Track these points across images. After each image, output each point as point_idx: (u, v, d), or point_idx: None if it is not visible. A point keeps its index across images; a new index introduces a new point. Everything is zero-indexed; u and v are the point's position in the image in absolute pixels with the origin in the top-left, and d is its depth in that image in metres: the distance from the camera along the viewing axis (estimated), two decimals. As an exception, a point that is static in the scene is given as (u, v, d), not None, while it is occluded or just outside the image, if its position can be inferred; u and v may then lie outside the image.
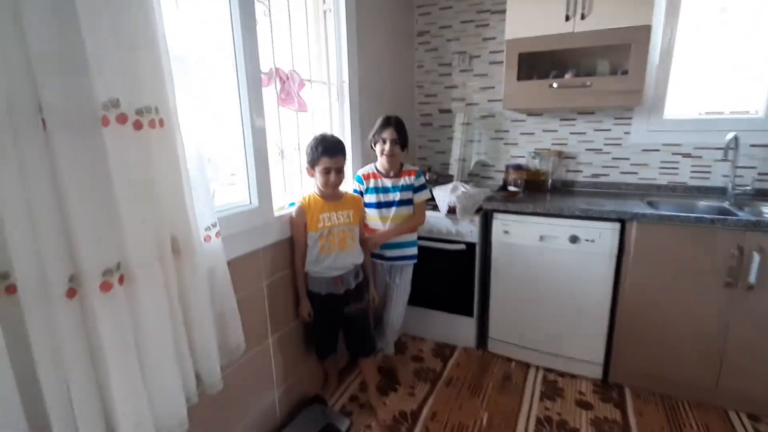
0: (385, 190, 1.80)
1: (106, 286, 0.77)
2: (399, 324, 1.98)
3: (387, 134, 1.72)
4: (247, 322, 1.37)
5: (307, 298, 1.62)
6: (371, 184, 1.81)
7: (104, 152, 0.75)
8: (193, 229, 0.98)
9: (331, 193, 1.57)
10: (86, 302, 0.77)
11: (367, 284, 1.76)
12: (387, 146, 1.72)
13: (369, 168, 1.84)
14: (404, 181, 1.80)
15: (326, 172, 1.50)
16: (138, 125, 0.83)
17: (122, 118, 0.76)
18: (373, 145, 1.79)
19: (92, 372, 0.79)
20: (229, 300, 1.15)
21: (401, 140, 1.73)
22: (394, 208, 1.78)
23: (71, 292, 0.75)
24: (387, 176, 1.80)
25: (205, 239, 1.08)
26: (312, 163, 1.52)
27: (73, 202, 0.72)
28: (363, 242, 1.71)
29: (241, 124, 1.34)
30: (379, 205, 1.80)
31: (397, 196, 1.78)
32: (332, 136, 1.54)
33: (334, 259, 1.56)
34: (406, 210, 1.81)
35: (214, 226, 1.09)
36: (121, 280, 0.80)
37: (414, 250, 1.89)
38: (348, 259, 1.60)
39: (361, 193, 1.82)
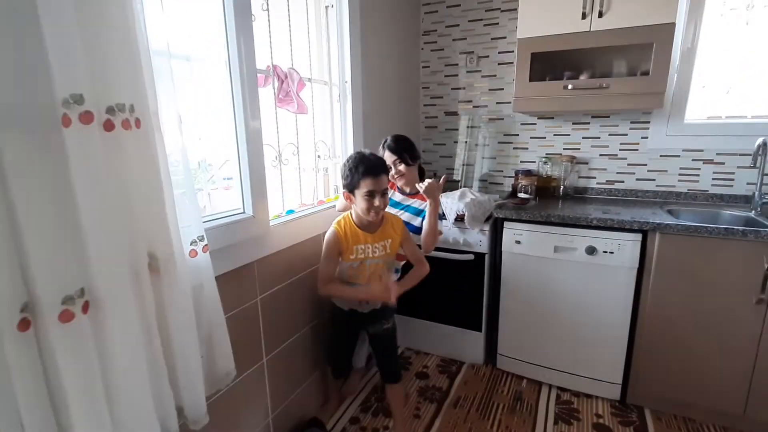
0: (393, 204, 1.72)
1: (66, 316, 0.65)
2: None
3: (386, 158, 1.62)
4: (239, 343, 1.25)
5: (362, 291, 1.41)
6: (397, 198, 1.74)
7: (65, 157, 0.63)
8: (175, 243, 0.86)
9: (373, 220, 1.37)
10: (42, 335, 0.65)
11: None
12: (392, 170, 1.66)
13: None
14: (416, 203, 1.70)
15: (370, 195, 1.31)
16: (109, 126, 0.71)
17: (87, 117, 0.65)
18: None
19: (51, 417, 0.67)
20: (217, 322, 1.03)
21: (402, 158, 1.65)
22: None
23: (24, 324, 0.63)
24: (401, 192, 1.74)
25: (190, 254, 0.96)
26: (351, 187, 1.34)
27: (25, 216, 0.60)
28: (418, 261, 1.50)
29: (234, 126, 1.22)
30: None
31: (403, 215, 1.67)
32: (372, 154, 1.37)
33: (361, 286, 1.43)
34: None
35: (201, 239, 0.97)
36: (85, 308, 0.68)
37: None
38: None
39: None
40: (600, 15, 1.73)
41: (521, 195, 2.14)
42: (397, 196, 1.74)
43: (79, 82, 0.63)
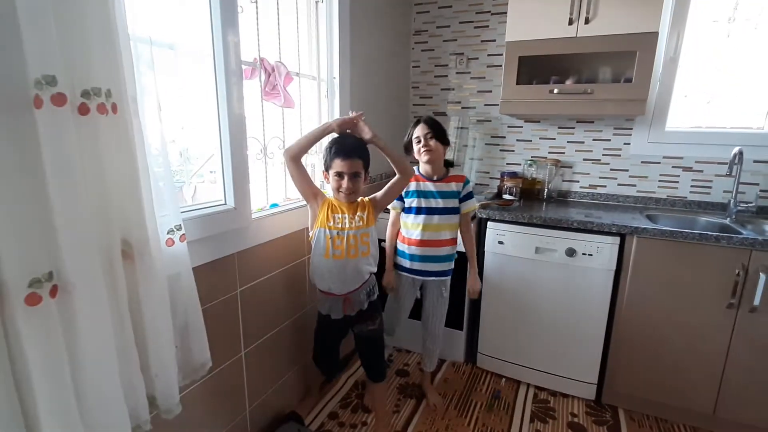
0: (428, 194, 1.61)
1: (33, 299, 0.65)
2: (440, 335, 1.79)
3: (419, 131, 1.56)
4: (217, 334, 1.25)
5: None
6: (412, 188, 1.62)
7: (36, 139, 0.63)
8: (151, 231, 0.85)
9: (342, 201, 1.39)
10: (8, 318, 0.64)
11: (383, 301, 1.57)
12: (422, 142, 1.56)
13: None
14: (450, 187, 1.62)
15: (338, 176, 1.33)
16: (84, 109, 0.70)
17: (59, 99, 0.64)
18: (408, 149, 1.64)
19: (16, 404, 0.66)
20: (194, 312, 1.03)
21: (435, 133, 1.56)
22: (437, 216, 1.61)
23: (-11, 306, 0.62)
24: (431, 180, 1.63)
25: (167, 243, 0.95)
26: (326, 166, 1.37)
27: (-9, 197, 0.60)
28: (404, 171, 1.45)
29: (218, 116, 1.21)
30: (419, 211, 1.61)
31: (440, 203, 1.60)
32: (351, 136, 1.39)
33: (341, 269, 1.37)
34: (450, 219, 1.63)
35: (178, 228, 0.97)
36: (53, 292, 0.67)
37: (451, 265, 1.70)
38: (358, 270, 1.39)
39: (400, 197, 1.64)
40: (586, 21, 1.76)
41: (506, 196, 2.17)
42: (429, 185, 1.62)
43: (53, 64, 0.63)
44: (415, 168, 1.65)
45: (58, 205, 0.66)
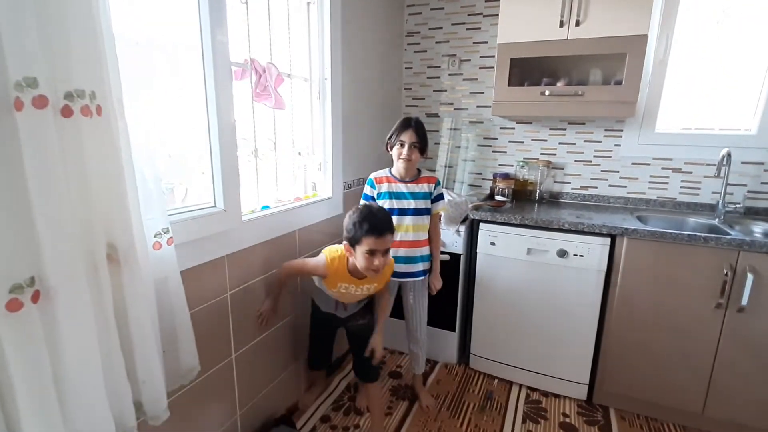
0: (400, 196, 1.63)
1: (14, 305, 0.63)
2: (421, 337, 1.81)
3: (406, 137, 1.56)
4: (207, 338, 1.24)
5: (273, 299, 1.49)
6: (384, 189, 1.63)
7: (16, 142, 0.61)
8: (137, 234, 0.84)
9: (370, 276, 1.35)
10: (-12, 325, 0.63)
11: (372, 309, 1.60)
12: (405, 150, 1.55)
13: (383, 172, 1.67)
14: (422, 188, 1.64)
15: (371, 254, 1.27)
16: (67, 111, 0.69)
17: (41, 102, 0.63)
18: (389, 148, 1.63)
19: (-4, 410, 0.65)
20: (181, 316, 1.01)
21: (421, 144, 1.57)
22: (409, 217, 1.62)
23: (-32, 312, 0.61)
24: (402, 181, 1.63)
25: (154, 246, 0.94)
26: (353, 242, 1.30)
27: (-30, 201, 0.58)
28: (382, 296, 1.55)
29: (207, 117, 1.20)
30: (390, 212, 1.60)
31: (412, 203, 1.62)
32: (380, 210, 1.35)
33: (341, 298, 1.47)
34: (422, 220, 1.64)
35: (165, 231, 0.96)
36: (35, 297, 0.66)
37: (426, 265, 1.72)
38: (356, 305, 1.53)
39: (372, 198, 1.66)
40: (577, 24, 1.77)
41: (498, 197, 2.17)
42: (401, 186, 1.63)
43: (34, 66, 0.62)
44: (387, 169, 1.68)
45: (39, 210, 0.64)
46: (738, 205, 1.83)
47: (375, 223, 1.27)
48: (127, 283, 0.83)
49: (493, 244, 1.86)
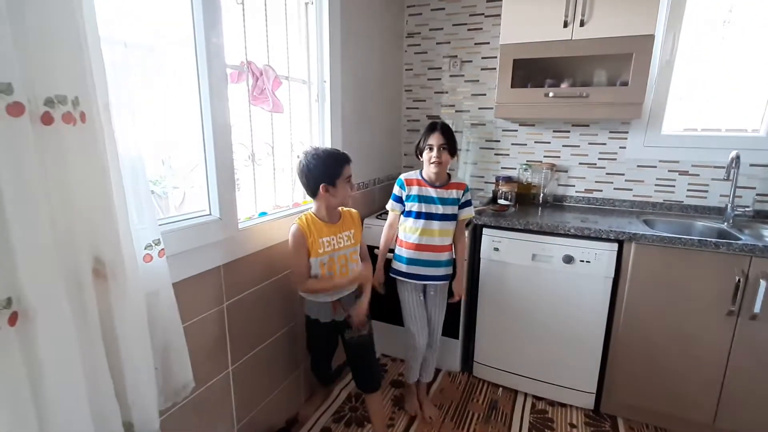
0: (429, 200, 1.60)
1: (-11, 329, 0.59)
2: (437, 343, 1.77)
3: (434, 140, 1.54)
4: (202, 352, 1.19)
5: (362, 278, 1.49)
6: (414, 192, 1.61)
7: (-10, 153, 0.57)
8: (126, 247, 0.79)
9: (335, 211, 1.44)
10: (-39, 349, 0.58)
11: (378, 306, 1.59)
12: (434, 152, 1.54)
13: (414, 174, 1.64)
14: (451, 194, 1.61)
15: (350, 180, 1.40)
16: (47, 119, 0.65)
17: (17, 109, 0.58)
18: (419, 154, 1.62)
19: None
20: (174, 331, 0.97)
21: (449, 146, 1.56)
22: (436, 222, 1.60)
23: (-61, 337, 0.56)
24: (432, 186, 1.61)
25: (144, 259, 0.89)
26: (332, 178, 1.34)
27: (-60, 217, 0.54)
28: (363, 258, 1.53)
29: (201, 122, 1.16)
30: (419, 216, 1.60)
31: (440, 209, 1.60)
32: (327, 148, 1.43)
33: (334, 302, 1.44)
34: (448, 225, 1.62)
35: (157, 243, 0.91)
36: (12, 319, 0.61)
37: (449, 270, 1.68)
38: (351, 299, 1.48)
39: (400, 199, 1.64)
40: (582, 24, 1.73)
41: (501, 201, 2.13)
42: (431, 191, 1.60)
43: (7, 71, 0.57)
44: (417, 171, 1.66)
45: (16, 226, 0.60)
46: (747, 209, 1.78)
47: (341, 154, 1.40)
48: (115, 299, 0.78)
49: (496, 249, 1.82)
